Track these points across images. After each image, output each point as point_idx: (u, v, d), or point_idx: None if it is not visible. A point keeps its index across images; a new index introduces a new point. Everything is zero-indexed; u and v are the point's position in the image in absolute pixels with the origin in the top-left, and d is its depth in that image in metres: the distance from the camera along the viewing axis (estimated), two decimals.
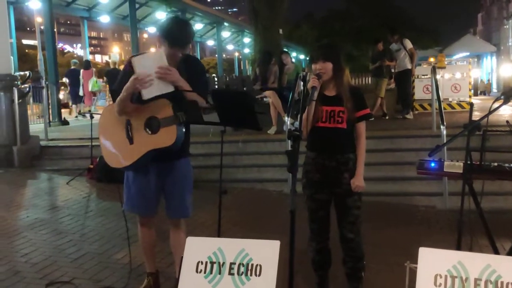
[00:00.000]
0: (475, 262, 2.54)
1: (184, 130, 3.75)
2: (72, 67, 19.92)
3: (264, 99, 3.17)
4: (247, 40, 42.19)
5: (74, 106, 18.88)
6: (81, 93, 18.48)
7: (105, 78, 19.97)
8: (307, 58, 52.94)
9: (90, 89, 18.53)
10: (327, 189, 3.94)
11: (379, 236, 5.89)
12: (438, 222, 6.84)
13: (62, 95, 20.72)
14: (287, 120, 8.69)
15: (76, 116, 17.21)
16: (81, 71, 19.08)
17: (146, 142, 3.75)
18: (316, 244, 4.05)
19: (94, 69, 20.20)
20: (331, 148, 3.90)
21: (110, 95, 19.23)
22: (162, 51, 3.63)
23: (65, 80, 20.54)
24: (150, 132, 3.76)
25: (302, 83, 3.78)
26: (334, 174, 3.89)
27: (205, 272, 2.88)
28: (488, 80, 42.85)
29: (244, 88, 11.74)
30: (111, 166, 3.92)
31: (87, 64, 19.88)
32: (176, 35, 3.73)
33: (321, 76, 3.79)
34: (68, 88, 20.09)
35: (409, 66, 12.37)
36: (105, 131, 3.99)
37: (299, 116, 3.81)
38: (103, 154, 3.96)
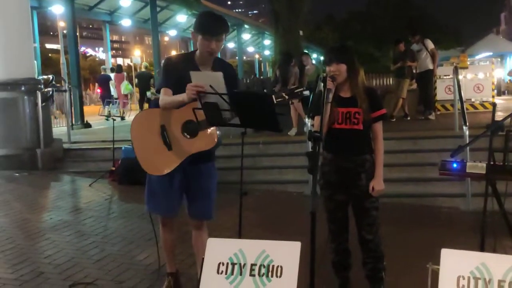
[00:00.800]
0: (498, 264, 2.50)
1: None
2: (102, 73, 20.64)
3: (304, 92, 3.12)
4: (267, 42, 42.23)
5: (103, 107, 19.37)
6: (114, 93, 19.00)
7: (136, 80, 20.57)
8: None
9: (122, 92, 19.05)
10: (344, 190, 3.94)
11: (401, 237, 5.84)
12: (461, 224, 6.77)
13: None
14: (308, 121, 8.67)
15: (107, 118, 17.51)
16: (113, 74, 19.63)
17: (186, 146, 3.74)
18: (336, 245, 4.05)
19: (125, 73, 20.84)
20: (348, 150, 3.91)
21: (139, 97, 19.74)
22: (221, 73, 3.50)
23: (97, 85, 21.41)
24: (188, 137, 3.76)
25: (322, 84, 3.77)
26: (351, 176, 3.89)
27: (226, 273, 2.88)
28: (509, 80, 42.22)
29: (265, 90, 11.72)
30: (150, 173, 3.91)
31: (119, 68, 20.53)
32: (207, 24, 3.73)
33: (336, 78, 3.80)
34: (98, 91, 20.97)
35: (430, 67, 12.28)
36: (139, 139, 3.95)
37: (315, 118, 3.83)
38: (140, 162, 3.90)
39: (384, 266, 4.04)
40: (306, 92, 3.74)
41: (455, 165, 3.59)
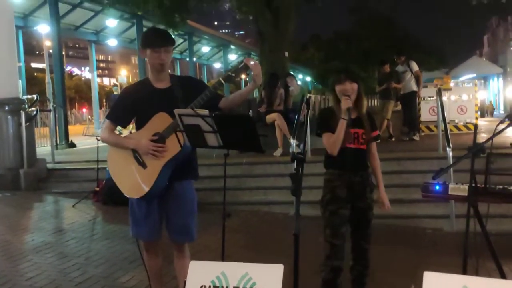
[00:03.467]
0: (480, 287, 2.50)
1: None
2: (115, 93, 21.80)
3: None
4: None
5: None
6: None
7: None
8: (313, 81, 53.10)
9: None
10: (349, 205, 4.09)
11: (385, 259, 5.83)
12: (445, 245, 6.78)
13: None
14: (293, 142, 8.69)
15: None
16: None
17: (158, 159, 3.76)
18: (335, 260, 4.07)
19: None
20: (356, 167, 4.10)
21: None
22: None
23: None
24: None
25: (306, 105, 3.81)
26: (359, 189, 4.08)
27: None
28: (490, 102, 42.79)
29: (250, 111, 11.75)
30: (135, 197, 3.89)
31: None
32: (153, 37, 3.87)
33: (350, 97, 3.96)
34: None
35: (414, 88, 12.38)
36: (117, 168, 3.96)
37: (326, 135, 4.02)
38: (124, 192, 3.90)
39: (369, 273, 4.22)
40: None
41: (437, 187, 3.59)
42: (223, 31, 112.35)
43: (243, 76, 3.99)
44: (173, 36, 4.07)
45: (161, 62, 3.85)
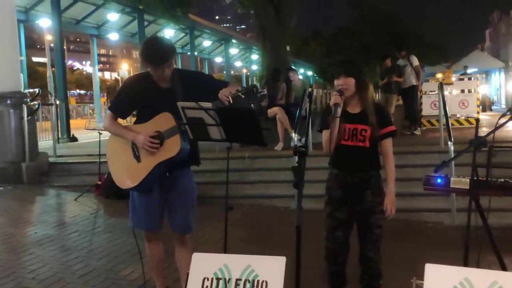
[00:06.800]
0: (481, 279, 2.52)
1: (188, 140, 3.78)
2: None
3: (261, 92, 3.06)
4: (255, 56, 42.39)
5: None
6: None
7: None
8: (315, 75, 53.09)
9: None
10: (348, 208, 3.85)
11: (386, 252, 5.79)
12: (446, 239, 6.79)
13: None
14: (294, 136, 8.69)
15: None
16: None
17: (153, 157, 3.78)
18: (332, 266, 3.94)
19: None
20: (353, 166, 3.83)
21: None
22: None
23: None
24: None
25: (308, 99, 3.81)
26: (356, 191, 3.82)
27: None
28: (488, 96, 42.63)
29: (251, 105, 11.74)
30: (122, 188, 3.92)
31: None
32: (152, 55, 3.79)
33: (343, 92, 3.71)
34: None
35: (414, 83, 12.41)
36: (113, 155, 4.03)
37: (324, 132, 3.80)
38: (114, 178, 3.97)
39: (379, 285, 3.96)
40: (264, 92, 3.83)
41: (439, 180, 3.60)
42: (225, 25, 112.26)
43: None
44: (172, 47, 3.92)
45: (165, 77, 3.85)
